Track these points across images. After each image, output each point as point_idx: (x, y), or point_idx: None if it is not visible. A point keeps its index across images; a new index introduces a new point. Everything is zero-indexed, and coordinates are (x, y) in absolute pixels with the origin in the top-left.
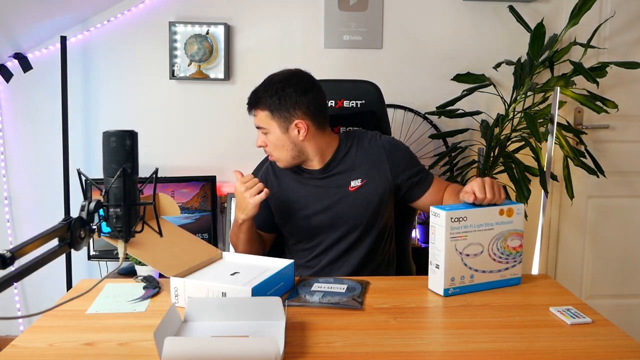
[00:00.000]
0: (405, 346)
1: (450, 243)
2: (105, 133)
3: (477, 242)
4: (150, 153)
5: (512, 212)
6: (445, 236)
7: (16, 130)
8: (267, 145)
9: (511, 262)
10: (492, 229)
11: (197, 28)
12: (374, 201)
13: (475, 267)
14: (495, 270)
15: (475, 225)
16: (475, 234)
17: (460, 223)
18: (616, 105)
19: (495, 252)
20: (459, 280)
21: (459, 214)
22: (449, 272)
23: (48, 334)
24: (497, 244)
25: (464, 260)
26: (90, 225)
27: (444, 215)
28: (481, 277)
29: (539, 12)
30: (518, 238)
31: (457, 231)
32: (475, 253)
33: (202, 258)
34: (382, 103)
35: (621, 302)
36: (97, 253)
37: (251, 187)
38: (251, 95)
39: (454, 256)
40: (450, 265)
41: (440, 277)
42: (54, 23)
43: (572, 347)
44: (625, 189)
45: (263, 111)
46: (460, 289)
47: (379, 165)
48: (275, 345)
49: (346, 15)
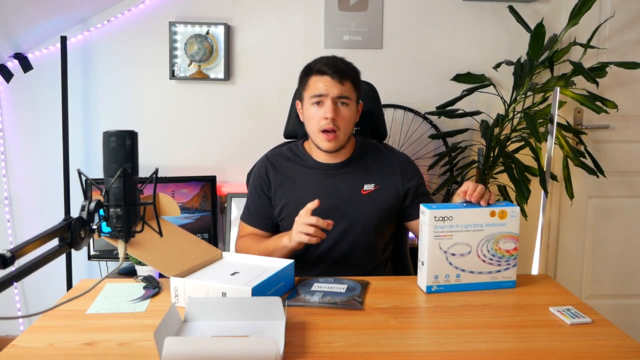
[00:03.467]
0: (405, 346)
1: (434, 241)
2: (105, 133)
3: (464, 242)
4: (150, 153)
5: (506, 214)
6: (428, 235)
7: (16, 130)
8: (338, 117)
9: (504, 265)
10: (481, 229)
11: (197, 28)
12: (384, 208)
13: (462, 267)
14: (485, 271)
15: (462, 225)
16: (462, 234)
17: (445, 222)
18: (616, 105)
19: (485, 254)
20: (443, 278)
21: (444, 213)
22: (432, 270)
23: (48, 334)
24: (487, 245)
25: (449, 259)
26: (91, 225)
27: (428, 213)
28: (469, 277)
29: (538, 12)
30: (512, 241)
31: (441, 230)
32: (462, 253)
33: (202, 258)
34: (378, 103)
35: (621, 302)
36: (97, 253)
37: (306, 224)
38: (335, 64)
39: (438, 254)
40: (434, 263)
41: (424, 275)
42: (54, 23)
43: (572, 347)
44: (625, 189)
45: (349, 82)
46: (444, 287)
47: (392, 175)
48: (275, 345)
49: (346, 15)
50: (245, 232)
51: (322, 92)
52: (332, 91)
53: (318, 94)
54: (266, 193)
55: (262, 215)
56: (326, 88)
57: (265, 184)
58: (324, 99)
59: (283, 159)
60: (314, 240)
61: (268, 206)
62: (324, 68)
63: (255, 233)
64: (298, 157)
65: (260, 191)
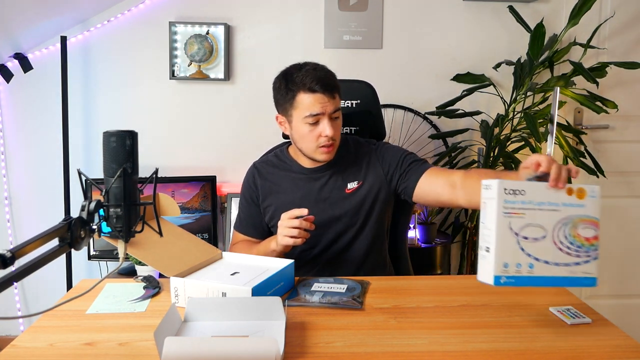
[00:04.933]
0: (405, 346)
1: (504, 220)
2: (105, 133)
3: (537, 224)
4: (150, 153)
5: (584, 193)
6: (497, 211)
7: (16, 130)
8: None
9: (583, 256)
10: (557, 210)
11: (197, 28)
12: (370, 202)
13: (535, 254)
14: (562, 263)
15: (536, 202)
16: (535, 213)
17: (517, 197)
18: (616, 105)
19: (562, 241)
20: (514, 268)
21: (516, 184)
22: (502, 256)
23: (48, 334)
24: (564, 230)
25: (521, 244)
26: (91, 225)
27: (496, 185)
28: (543, 269)
29: (538, 12)
30: (592, 227)
31: (512, 206)
32: (535, 237)
33: (202, 258)
34: (377, 103)
35: (621, 302)
36: (97, 253)
37: (289, 227)
38: (322, 78)
39: (508, 237)
40: (504, 248)
41: (490, 263)
42: (54, 23)
43: (572, 347)
44: (625, 189)
45: (337, 92)
46: (515, 280)
47: (372, 166)
48: (275, 345)
49: (346, 15)
50: (238, 239)
51: (319, 111)
52: (328, 108)
53: (314, 113)
54: (255, 201)
55: (252, 224)
56: (322, 107)
57: (254, 192)
58: (320, 117)
59: (270, 166)
60: (299, 242)
61: (258, 214)
62: (314, 85)
63: (247, 240)
64: (284, 163)
65: (250, 199)
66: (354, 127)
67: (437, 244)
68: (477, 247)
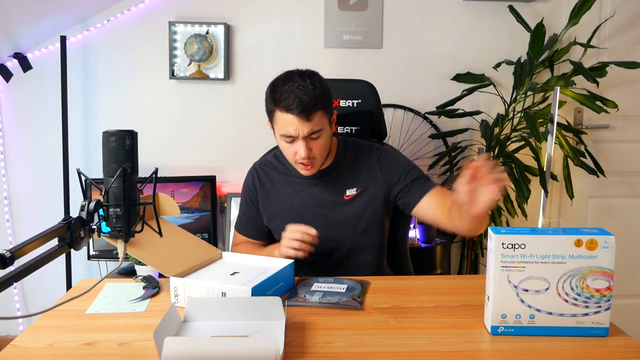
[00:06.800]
0: (405, 346)
1: (501, 273)
2: (105, 133)
3: (540, 277)
4: (150, 153)
5: (596, 244)
6: (494, 264)
7: (16, 130)
8: (312, 151)
9: (593, 307)
10: (563, 262)
11: (197, 28)
12: (369, 210)
13: (537, 306)
14: (568, 314)
15: (538, 255)
16: (537, 266)
17: (516, 251)
18: (616, 105)
19: (569, 292)
20: (512, 318)
21: (515, 239)
22: (499, 307)
23: (48, 334)
24: (570, 282)
25: (521, 296)
26: (90, 225)
27: (495, 239)
28: (546, 320)
29: (539, 12)
30: (604, 278)
31: (510, 260)
32: (537, 289)
33: (202, 258)
34: (378, 102)
35: (621, 302)
36: (97, 253)
37: (293, 239)
38: (299, 98)
39: (506, 289)
40: (501, 299)
41: (488, 312)
42: (54, 23)
43: (572, 347)
44: (625, 189)
45: (317, 111)
46: (514, 330)
47: (373, 174)
48: (275, 345)
49: (346, 15)
50: (239, 240)
51: (292, 134)
52: (302, 131)
53: (287, 134)
54: (254, 203)
55: (253, 225)
56: (295, 130)
57: (253, 195)
58: (295, 138)
59: (269, 168)
60: (301, 255)
61: (258, 216)
62: (290, 105)
63: (248, 241)
64: (282, 166)
65: (249, 201)
66: (354, 127)
67: (437, 243)
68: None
